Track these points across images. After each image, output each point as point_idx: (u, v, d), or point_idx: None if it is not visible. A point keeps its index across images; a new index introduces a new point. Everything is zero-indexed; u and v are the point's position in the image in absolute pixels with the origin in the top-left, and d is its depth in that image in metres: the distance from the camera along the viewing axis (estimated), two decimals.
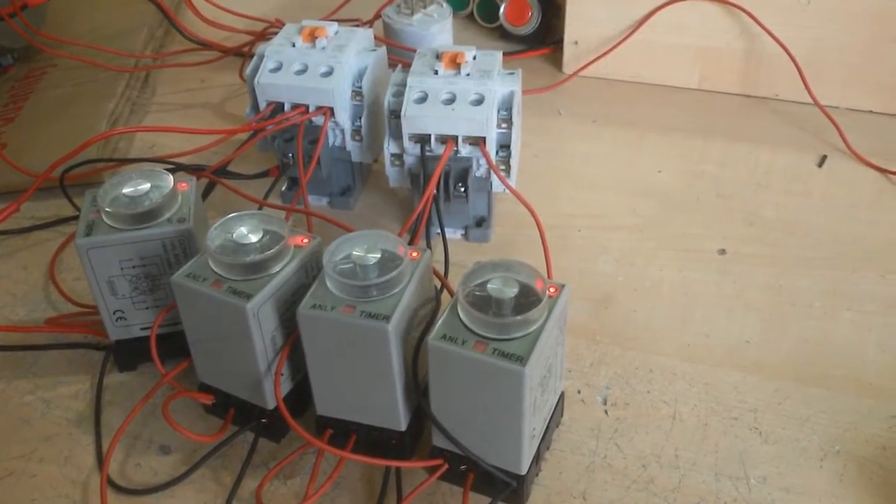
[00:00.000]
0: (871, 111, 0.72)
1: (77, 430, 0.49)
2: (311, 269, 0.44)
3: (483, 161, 0.55)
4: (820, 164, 0.66)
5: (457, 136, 0.54)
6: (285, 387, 0.45)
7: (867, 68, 0.70)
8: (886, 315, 0.53)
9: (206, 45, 0.81)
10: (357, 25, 0.71)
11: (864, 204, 0.62)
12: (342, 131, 0.59)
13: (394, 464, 0.44)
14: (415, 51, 0.59)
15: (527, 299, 0.39)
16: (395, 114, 0.54)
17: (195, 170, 0.59)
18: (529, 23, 0.80)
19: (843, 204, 0.62)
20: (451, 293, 0.50)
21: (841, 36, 0.69)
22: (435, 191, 0.54)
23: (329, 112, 0.58)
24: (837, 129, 0.69)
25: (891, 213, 0.61)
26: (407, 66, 0.57)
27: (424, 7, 0.72)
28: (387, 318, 0.39)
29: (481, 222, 0.60)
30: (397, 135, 0.55)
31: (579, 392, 0.49)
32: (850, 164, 0.66)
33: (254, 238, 0.43)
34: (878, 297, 0.55)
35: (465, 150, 0.55)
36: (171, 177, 0.47)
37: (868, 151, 0.67)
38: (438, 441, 0.43)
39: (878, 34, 0.68)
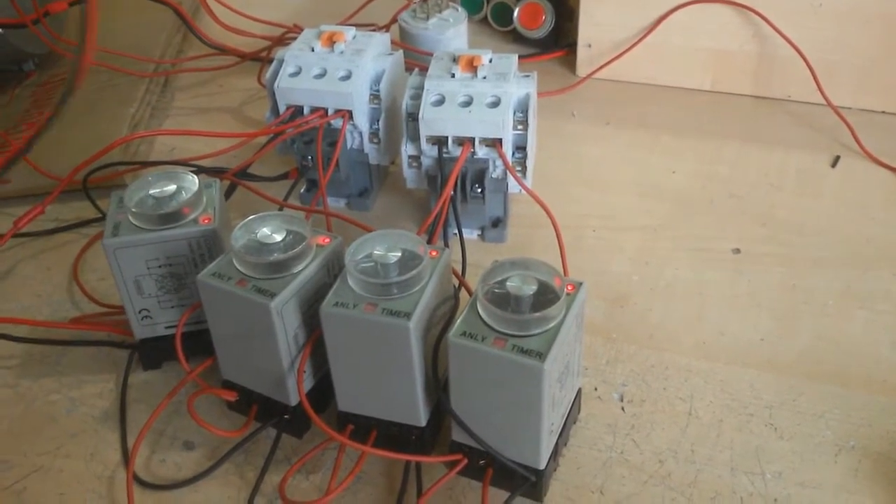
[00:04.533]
0: (883, 112, 0.72)
1: (103, 427, 0.50)
2: (333, 268, 0.45)
3: (499, 162, 0.56)
4: (833, 165, 0.67)
5: (473, 138, 0.55)
6: (307, 383, 0.46)
7: (880, 69, 0.70)
8: None
9: (223, 51, 0.82)
10: (374, 30, 0.72)
11: (877, 204, 0.63)
12: (360, 134, 0.60)
13: (414, 458, 0.45)
14: (431, 54, 0.60)
15: (545, 297, 0.40)
16: (413, 116, 0.55)
17: (216, 172, 0.60)
18: (543, 26, 0.81)
19: (856, 204, 0.63)
20: (469, 292, 0.51)
21: (853, 37, 0.69)
22: (452, 192, 0.55)
23: (347, 115, 0.58)
24: (850, 130, 0.69)
25: None
26: (423, 70, 0.58)
27: (440, 11, 0.73)
28: (408, 316, 0.40)
29: (497, 223, 0.61)
30: (415, 137, 0.56)
31: (596, 389, 0.50)
32: (864, 165, 0.67)
33: (277, 238, 0.43)
34: (892, 296, 0.55)
35: (481, 151, 0.56)
36: (196, 178, 0.48)
37: (881, 152, 0.67)
38: (458, 436, 0.43)
39: (891, 35, 0.68)
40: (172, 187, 0.47)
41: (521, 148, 0.56)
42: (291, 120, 0.59)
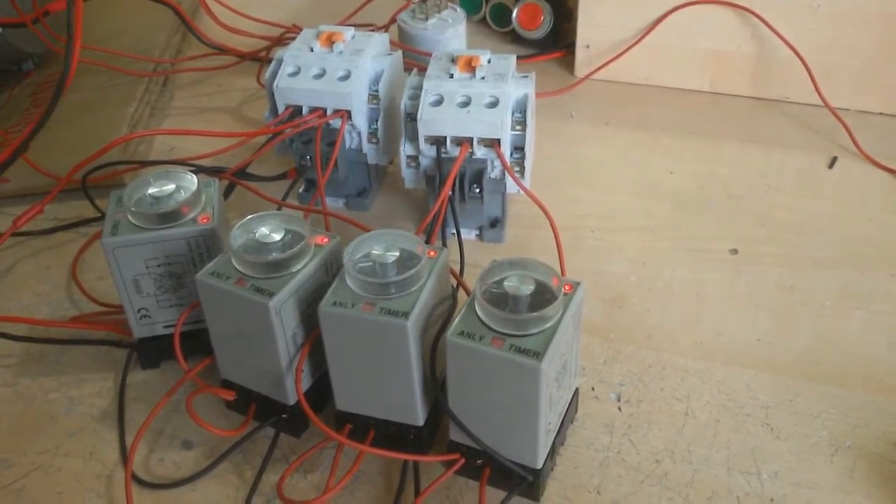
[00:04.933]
0: (881, 113, 0.72)
1: (101, 426, 0.50)
2: (332, 268, 0.45)
3: (498, 163, 0.56)
4: (830, 166, 0.67)
5: (472, 139, 0.55)
6: (305, 383, 0.46)
7: (877, 71, 0.70)
8: None
9: (223, 50, 0.83)
10: (373, 30, 0.72)
11: (874, 205, 0.63)
12: (359, 134, 0.60)
13: (411, 458, 0.45)
14: (429, 55, 0.60)
15: (542, 296, 0.40)
16: (412, 116, 0.56)
17: (215, 172, 0.60)
18: (541, 27, 0.81)
19: (853, 205, 0.63)
20: (468, 292, 0.51)
21: (851, 38, 0.70)
22: (450, 192, 0.55)
23: (346, 115, 0.59)
24: (847, 131, 0.69)
25: None
26: (422, 70, 0.58)
27: (439, 12, 0.73)
28: (406, 315, 0.40)
29: (495, 223, 0.61)
30: (413, 137, 0.56)
31: (593, 389, 0.50)
32: (861, 166, 0.67)
33: (276, 237, 0.44)
34: (889, 297, 0.55)
35: (479, 151, 0.56)
36: (195, 177, 0.48)
37: (878, 153, 0.67)
38: (455, 436, 0.43)
39: (889, 37, 0.69)
40: (171, 187, 0.47)
41: (519, 148, 0.56)
42: (290, 120, 0.59)
